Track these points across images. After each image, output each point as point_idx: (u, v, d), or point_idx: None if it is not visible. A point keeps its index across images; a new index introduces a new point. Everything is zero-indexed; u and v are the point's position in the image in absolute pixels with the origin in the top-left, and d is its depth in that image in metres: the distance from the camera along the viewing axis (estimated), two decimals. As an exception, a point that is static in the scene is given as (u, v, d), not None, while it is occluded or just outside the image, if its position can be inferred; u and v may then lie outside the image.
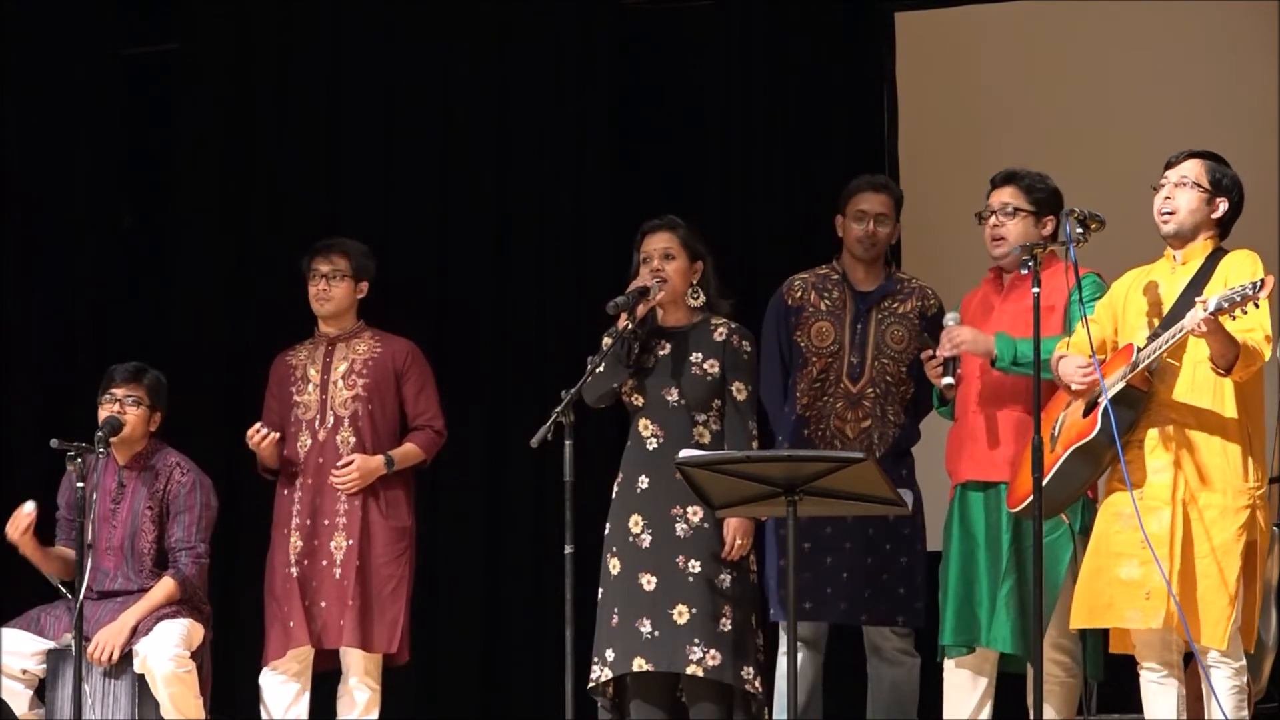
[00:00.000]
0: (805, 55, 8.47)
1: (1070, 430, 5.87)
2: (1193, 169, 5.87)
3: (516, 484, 8.42)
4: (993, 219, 6.41)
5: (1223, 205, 5.88)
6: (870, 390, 6.80)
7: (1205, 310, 5.47)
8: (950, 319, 6.33)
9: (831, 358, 6.83)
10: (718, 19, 8.59)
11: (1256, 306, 5.48)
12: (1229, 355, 5.60)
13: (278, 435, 7.06)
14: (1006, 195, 6.43)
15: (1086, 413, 5.85)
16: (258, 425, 7.05)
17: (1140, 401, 5.77)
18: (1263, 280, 5.46)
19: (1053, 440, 5.91)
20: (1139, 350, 5.73)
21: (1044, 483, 5.81)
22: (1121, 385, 5.72)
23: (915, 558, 6.77)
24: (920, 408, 6.83)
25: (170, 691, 6.77)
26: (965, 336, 6.29)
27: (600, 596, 6.43)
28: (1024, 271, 5.82)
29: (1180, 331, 5.59)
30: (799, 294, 6.91)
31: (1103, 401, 5.73)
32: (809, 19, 8.47)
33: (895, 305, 6.86)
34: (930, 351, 6.39)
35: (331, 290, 7.14)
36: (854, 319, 6.86)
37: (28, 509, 6.88)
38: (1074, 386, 5.86)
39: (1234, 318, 5.49)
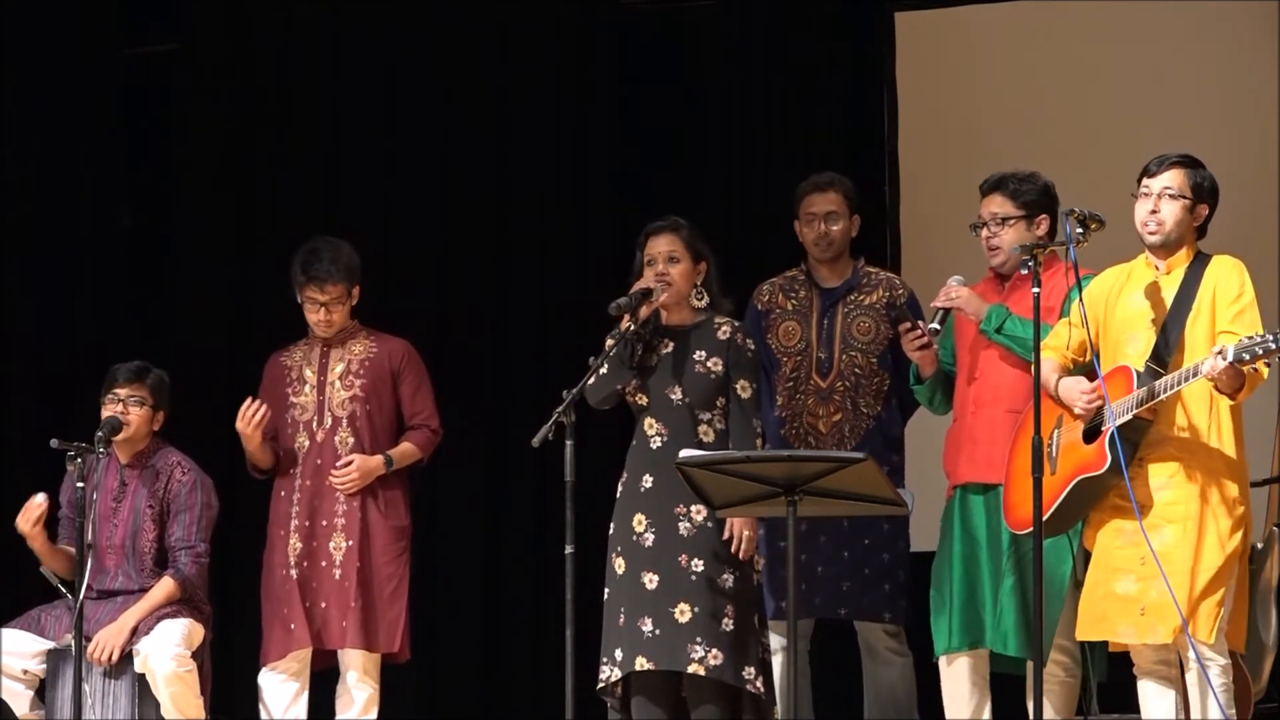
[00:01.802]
0: (805, 55, 8.47)
1: (1071, 457, 5.89)
2: (1175, 179, 5.88)
3: (516, 484, 8.42)
4: (986, 230, 6.45)
5: (1204, 212, 5.91)
6: (840, 384, 6.89)
7: (1224, 360, 5.50)
8: (955, 280, 6.40)
9: (801, 355, 6.93)
10: (718, 19, 8.60)
11: (1269, 364, 5.51)
12: (1237, 385, 5.64)
13: (269, 412, 7.04)
14: (995, 205, 6.47)
15: (1088, 438, 5.86)
16: (251, 400, 7.01)
17: (1143, 430, 5.80)
18: None
19: (1051, 461, 5.92)
20: (1139, 377, 5.74)
21: (1050, 513, 5.84)
22: (1129, 417, 5.74)
23: (897, 554, 6.80)
24: (904, 400, 6.87)
25: (171, 691, 6.77)
26: (963, 293, 6.36)
27: (606, 597, 6.43)
28: (1024, 271, 5.84)
29: (1196, 375, 5.62)
30: (767, 298, 7.06)
31: (1107, 430, 5.74)
32: (809, 19, 8.47)
33: (861, 298, 6.96)
34: (908, 324, 6.45)
35: (333, 316, 7.10)
36: (820, 315, 6.94)
37: (39, 500, 6.89)
38: (1077, 410, 5.87)
39: (1255, 369, 5.53)
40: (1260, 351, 5.48)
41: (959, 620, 6.33)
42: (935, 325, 6.37)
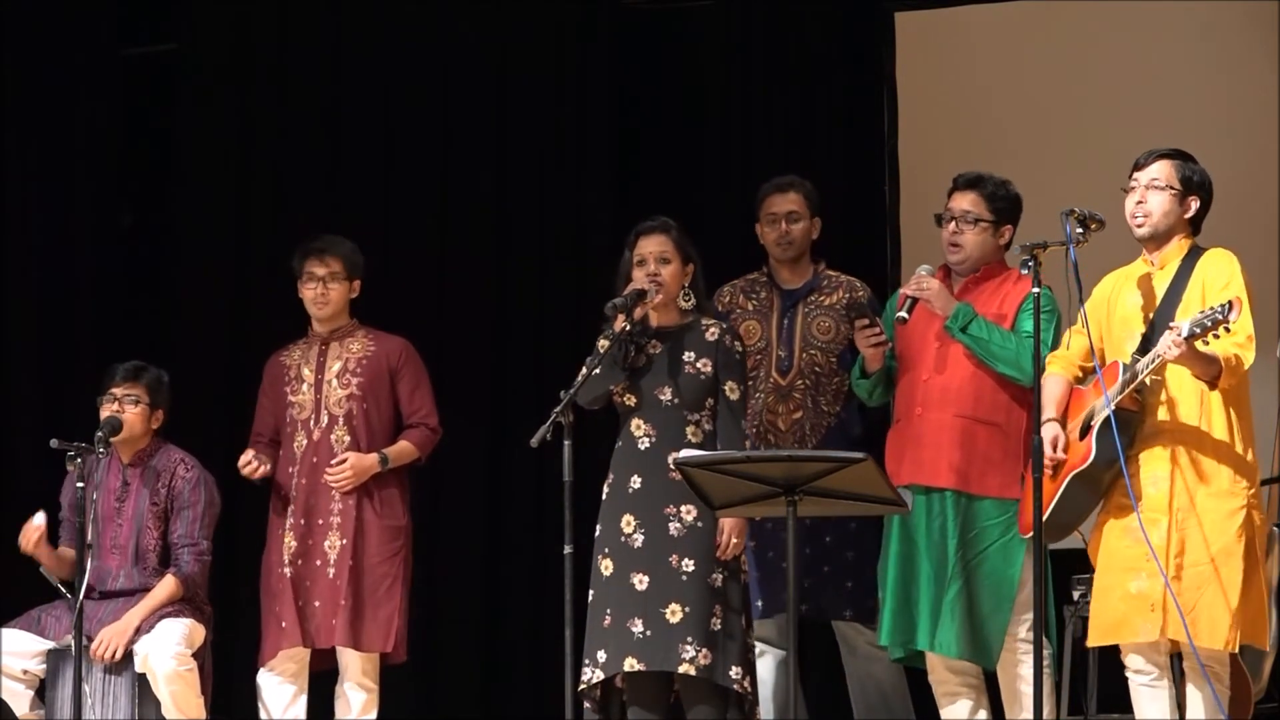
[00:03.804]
0: (805, 55, 8.47)
1: (1070, 455, 5.89)
2: (1162, 170, 5.88)
3: (516, 484, 8.42)
4: (952, 225, 6.45)
5: (1194, 204, 5.90)
6: (800, 382, 6.94)
7: (1178, 335, 5.47)
8: (924, 269, 6.41)
9: (760, 354, 6.96)
10: (718, 19, 8.60)
11: (1229, 331, 5.47)
12: (1211, 372, 5.61)
13: (268, 469, 7.06)
14: (968, 203, 6.48)
15: (1082, 436, 5.86)
16: (249, 457, 7.04)
17: (1131, 421, 5.79)
18: (1231, 303, 5.46)
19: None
20: (1124, 369, 5.75)
21: (1049, 510, 5.84)
22: (1112, 408, 5.73)
23: (864, 554, 6.82)
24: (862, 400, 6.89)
25: (172, 690, 6.77)
26: (934, 286, 6.34)
27: (591, 598, 6.42)
28: (1024, 272, 5.83)
29: (1156, 359, 5.61)
30: (728, 299, 7.11)
31: (1095, 424, 5.75)
32: (809, 19, 8.47)
33: (822, 298, 7.01)
34: (867, 320, 6.47)
35: (329, 293, 7.14)
36: (780, 314, 6.97)
37: (37, 521, 6.90)
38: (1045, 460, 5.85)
39: (1206, 342, 5.50)
40: (1209, 324, 5.45)
41: (891, 621, 6.37)
42: (903, 314, 6.37)
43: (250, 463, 7.03)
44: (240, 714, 7.60)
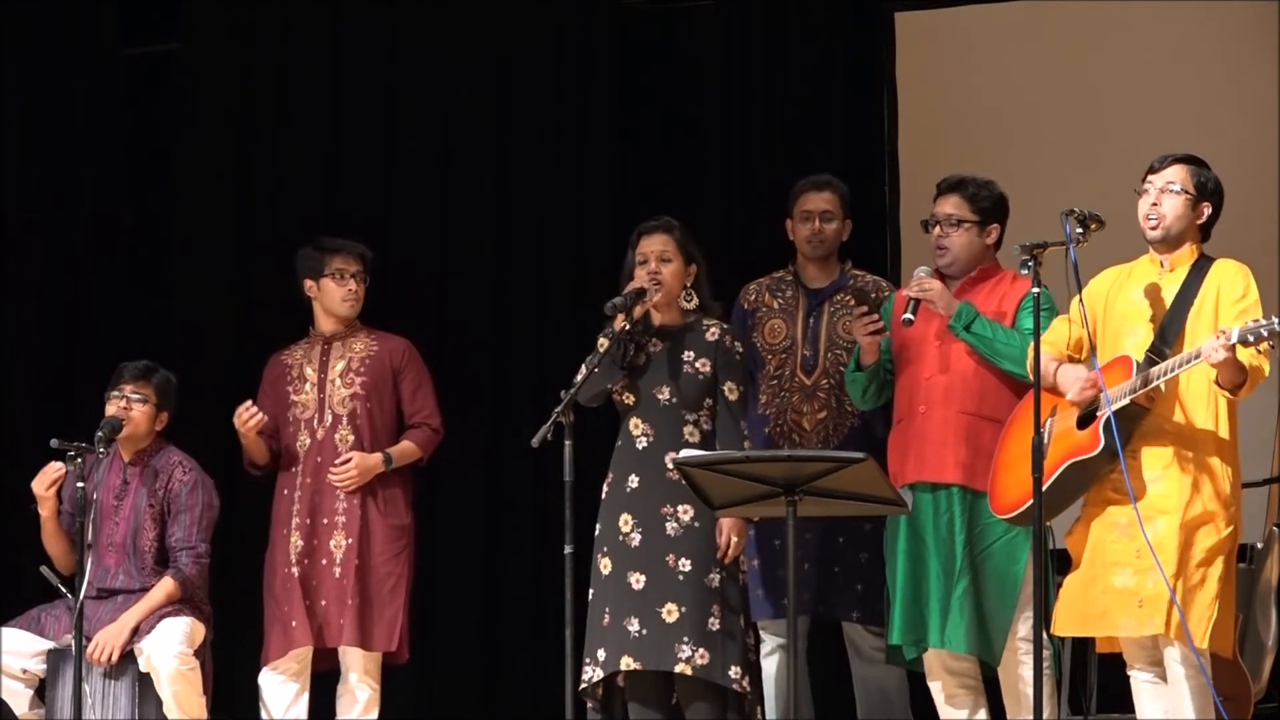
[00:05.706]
0: (805, 55, 8.47)
1: (1064, 441, 5.87)
2: (1178, 174, 5.89)
3: (516, 484, 8.42)
4: (938, 229, 6.46)
5: (1206, 210, 5.91)
6: (825, 382, 6.94)
7: (1227, 341, 5.49)
8: (922, 270, 6.41)
9: (785, 353, 6.96)
10: (718, 19, 8.60)
11: (1274, 347, 5.50)
12: (1238, 380, 5.63)
13: (265, 418, 7.05)
14: (951, 206, 6.48)
15: (1082, 424, 5.85)
16: (249, 403, 7.03)
17: (1139, 416, 5.79)
18: None
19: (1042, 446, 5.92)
20: (1138, 366, 5.73)
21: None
22: (1126, 402, 5.73)
23: (876, 555, 6.82)
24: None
25: (174, 689, 6.78)
26: (936, 286, 6.35)
27: (591, 597, 6.43)
28: (1024, 273, 5.83)
29: (1198, 358, 5.61)
30: (754, 297, 7.10)
31: (1103, 415, 5.74)
32: (809, 19, 8.47)
33: (847, 298, 6.99)
34: (865, 308, 6.48)
35: (360, 290, 7.17)
36: (806, 314, 6.98)
37: (57, 465, 6.87)
38: (1071, 396, 5.85)
39: (1260, 351, 5.52)
40: (1265, 334, 5.47)
41: (901, 618, 6.36)
42: (909, 316, 6.37)
43: (249, 407, 7.00)
44: (241, 714, 7.60)
